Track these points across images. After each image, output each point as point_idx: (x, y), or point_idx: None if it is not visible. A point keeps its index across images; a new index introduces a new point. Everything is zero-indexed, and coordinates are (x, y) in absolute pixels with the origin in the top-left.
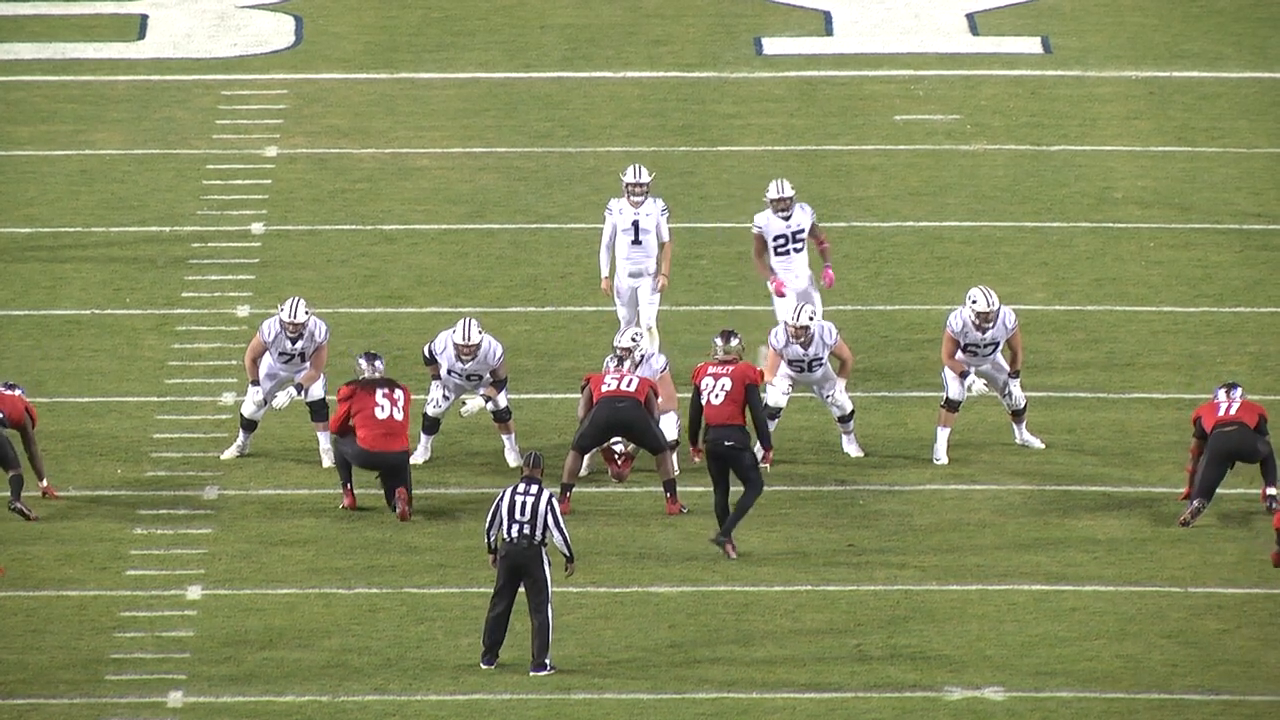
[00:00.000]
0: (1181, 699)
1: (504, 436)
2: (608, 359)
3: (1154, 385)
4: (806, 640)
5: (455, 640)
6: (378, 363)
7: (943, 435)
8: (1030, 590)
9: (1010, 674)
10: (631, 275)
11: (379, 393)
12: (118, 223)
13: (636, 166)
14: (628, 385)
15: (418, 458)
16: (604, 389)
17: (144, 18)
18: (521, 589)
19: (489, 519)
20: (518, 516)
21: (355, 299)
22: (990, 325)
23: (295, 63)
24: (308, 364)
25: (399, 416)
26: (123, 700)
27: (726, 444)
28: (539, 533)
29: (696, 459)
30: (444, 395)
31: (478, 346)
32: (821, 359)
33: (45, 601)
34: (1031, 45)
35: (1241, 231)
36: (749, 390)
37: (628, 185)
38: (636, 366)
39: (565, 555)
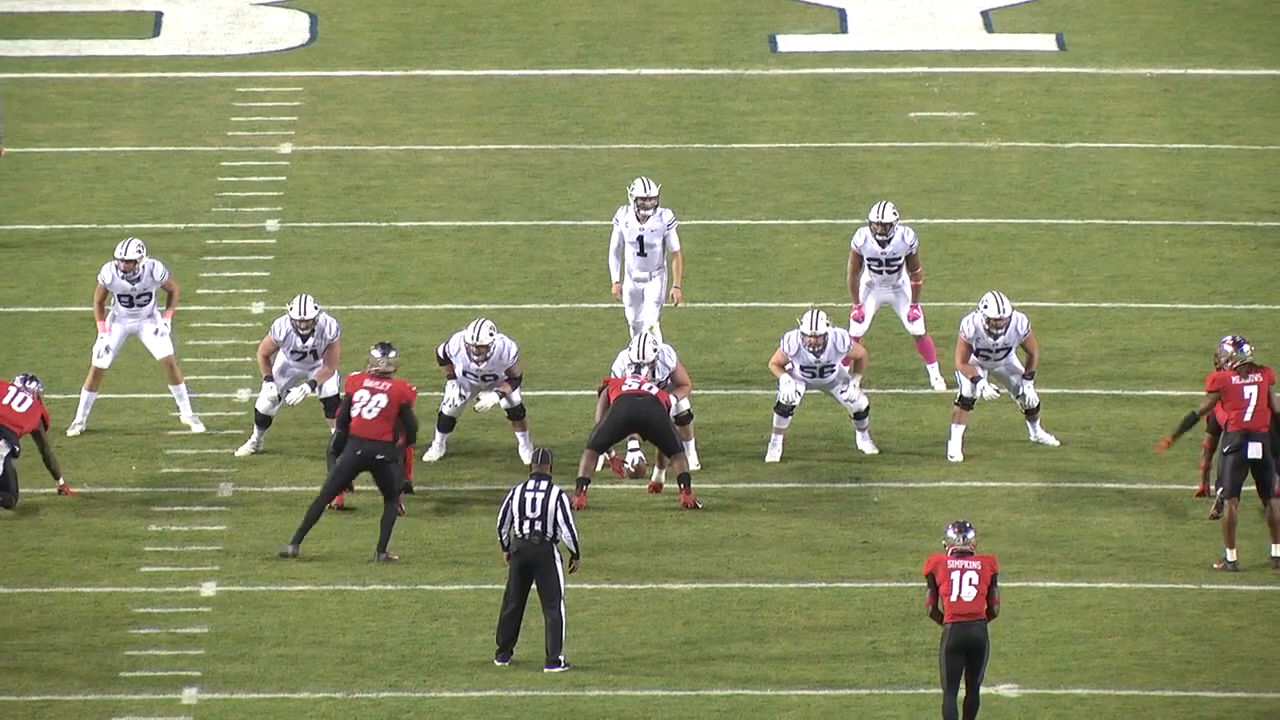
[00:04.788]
0: (1196, 696)
1: (518, 434)
2: (624, 367)
3: (1168, 382)
4: (821, 637)
5: (469, 637)
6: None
7: (957, 433)
8: (1044, 587)
9: (1024, 671)
10: (637, 281)
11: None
12: (132, 219)
13: (645, 180)
14: (648, 388)
15: (432, 454)
16: (625, 387)
17: (159, 15)
18: (534, 586)
19: (500, 517)
20: (528, 513)
21: (370, 296)
22: (1002, 331)
23: (310, 60)
24: (321, 361)
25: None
26: (137, 697)
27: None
28: (550, 529)
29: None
30: (459, 395)
31: (488, 348)
32: (834, 366)
33: (60, 598)
34: (1046, 42)
35: (1256, 229)
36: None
37: (637, 199)
38: (655, 372)
39: (572, 552)
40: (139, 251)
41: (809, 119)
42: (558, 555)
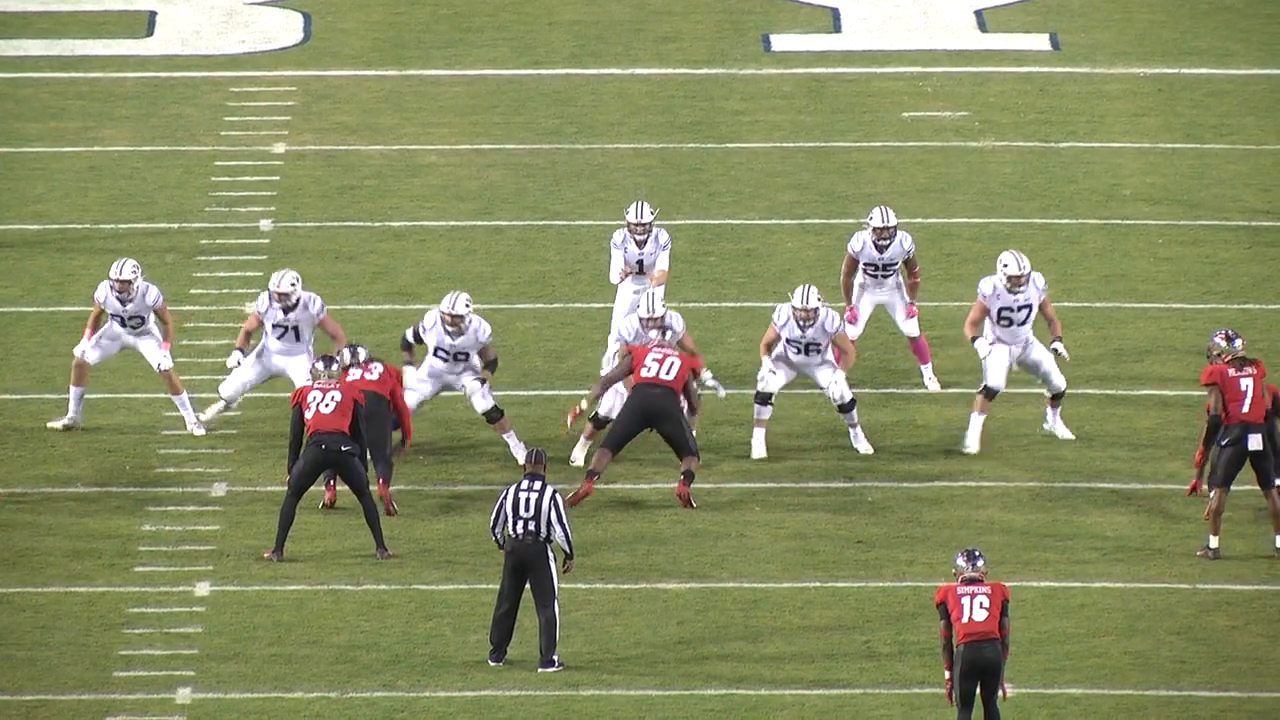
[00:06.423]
0: (1190, 695)
1: (504, 435)
2: (635, 328)
3: (1162, 382)
4: (815, 637)
5: (463, 636)
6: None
7: (976, 423)
8: (1038, 587)
9: (1018, 670)
10: (636, 293)
11: (351, 371)
12: (126, 219)
13: (638, 206)
14: (667, 372)
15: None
16: (644, 373)
17: (152, 14)
18: (528, 586)
19: (494, 516)
20: (522, 513)
21: (363, 295)
22: (1022, 288)
23: (303, 59)
24: (302, 343)
25: (371, 377)
26: (131, 696)
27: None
28: (544, 529)
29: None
30: (419, 382)
31: (464, 318)
32: (819, 344)
33: (54, 598)
34: (1040, 42)
35: (1250, 228)
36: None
37: (629, 225)
38: (665, 333)
39: (566, 552)
40: (134, 272)
41: (803, 118)
42: (552, 555)
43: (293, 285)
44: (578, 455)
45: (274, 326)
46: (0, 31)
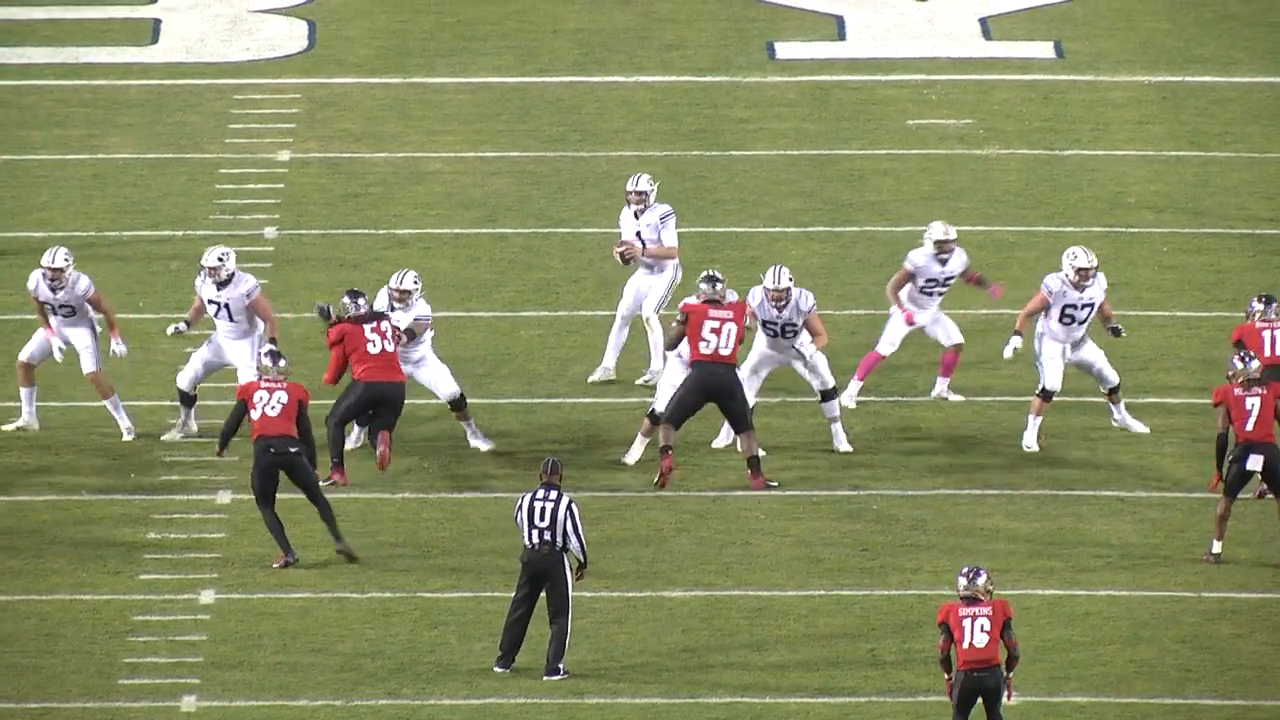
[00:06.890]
0: (1195, 704)
1: (465, 423)
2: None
3: (1167, 390)
4: (820, 645)
5: (469, 644)
6: (360, 300)
7: (1034, 424)
8: (1043, 595)
9: (1023, 679)
10: (645, 273)
11: (367, 329)
12: (130, 227)
13: (637, 176)
14: (725, 345)
15: (350, 444)
16: (702, 348)
17: (157, 22)
18: (543, 594)
19: (515, 515)
20: (538, 522)
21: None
22: (1090, 281)
23: (308, 67)
24: (239, 326)
25: (390, 348)
26: (136, 705)
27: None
28: (559, 539)
29: None
30: None
31: (410, 294)
32: (795, 325)
33: (59, 606)
34: (1044, 50)
35: (1254, 236)
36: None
37: (626, 193)
38: (716, 285)
39: (579, 561)
40: (65, 260)
41: (807, 126)
42: (567, 564)
43: (220, 259)
44: (632, 457)
45: (209, 304)
46: (4, 39)
